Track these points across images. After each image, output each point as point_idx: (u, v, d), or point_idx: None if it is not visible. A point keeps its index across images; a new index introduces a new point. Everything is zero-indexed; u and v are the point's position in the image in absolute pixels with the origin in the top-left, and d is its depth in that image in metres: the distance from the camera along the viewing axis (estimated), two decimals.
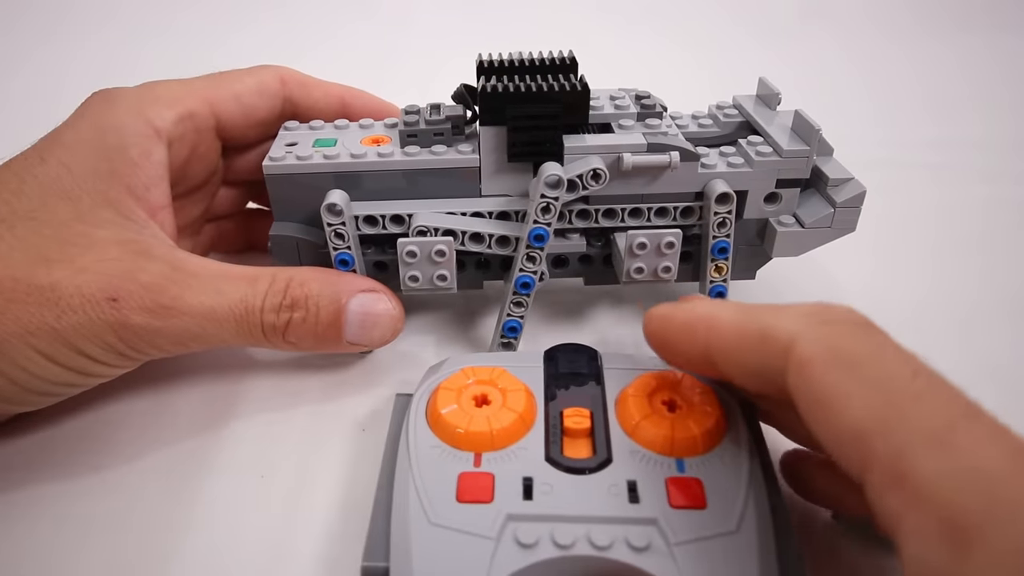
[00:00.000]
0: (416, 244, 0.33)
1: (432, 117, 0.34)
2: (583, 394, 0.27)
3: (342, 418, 0.33)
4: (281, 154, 0.34)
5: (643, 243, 0.33)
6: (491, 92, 0.31)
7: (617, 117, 0.35)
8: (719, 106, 0.39)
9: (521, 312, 0.35)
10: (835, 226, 0.35)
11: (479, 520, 0.23)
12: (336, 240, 0.33)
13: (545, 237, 0.33)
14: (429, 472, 0.24)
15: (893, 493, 0.17)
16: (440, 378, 0.28)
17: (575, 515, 0.23)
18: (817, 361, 0.20)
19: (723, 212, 0.33)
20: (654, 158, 0.32)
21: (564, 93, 0.31)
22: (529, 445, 0.25)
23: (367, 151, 0.33)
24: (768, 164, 0.33)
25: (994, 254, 0.45)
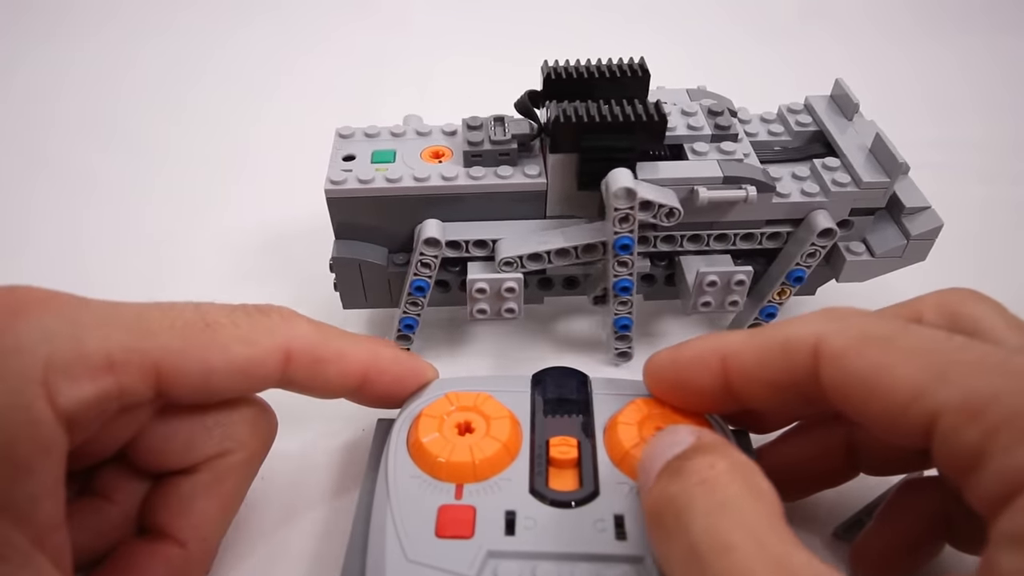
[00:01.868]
0: (486, 282, 0.32)
1: (497, 136, 0.33)
2: (571, 422, 0.26)
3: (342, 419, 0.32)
4: (341, 176, 0.33)
5: (714, 281, 0.33)
6: (564, 122, 0.30)
7: (691, 139, 0.34)
8: (791, 109, 0.37)
9: (628, 310, 0.35)
10: (906, 257, 0.34)
11: (458, 557, 0.22)
12: (422, 269, 0.33)
13: (630, 245, 0.32)
14: (408, 504, 0.24)
15: (972, 427, 0.18)
16: (422, 404, 0.27)
17: (559, 552, 0.22)
18: (850, 349, 0.20)
19: (819, 245, 0.33)
20: (730, 193, 0.31)
21: (640, 123, 0.30)
22: (513, 476, 0.24)
23: (430, 172, 0.32)
24: (845, 195, 0.32)
25: (993, 254, 0.45)
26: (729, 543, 0.17)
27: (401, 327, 0.35)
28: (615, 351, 0.37)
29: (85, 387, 0.21)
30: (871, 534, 0.26)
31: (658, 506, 0.20)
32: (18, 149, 0.58)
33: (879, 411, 0.20)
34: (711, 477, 0.19)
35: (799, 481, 0.28)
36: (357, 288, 0.35)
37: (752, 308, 0.36)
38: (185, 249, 0.47)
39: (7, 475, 0.19)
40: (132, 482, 0.25)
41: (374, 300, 0.36)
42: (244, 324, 0.24)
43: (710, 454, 0.20)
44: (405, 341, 0.36)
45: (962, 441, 0.18)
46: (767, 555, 0.17)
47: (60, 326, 0.21)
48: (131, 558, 0.24)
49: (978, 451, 0.18)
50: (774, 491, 0.19)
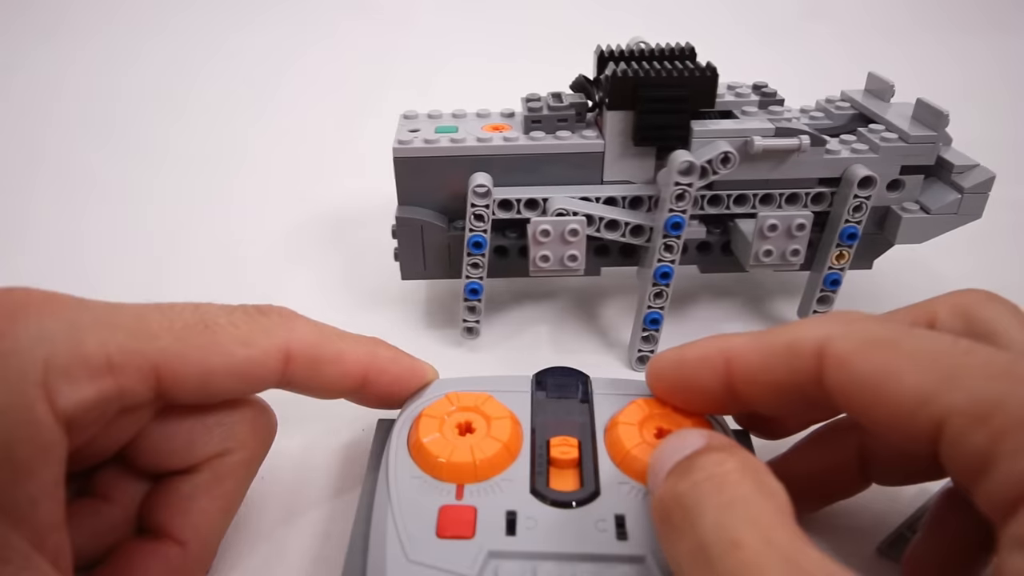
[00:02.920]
0: (550, 223, 0.33)
1: (556, 104, 0.35)
2: (571, 422, 0.26)
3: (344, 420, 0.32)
4: (407, 137, 0.34)
5: (774, 224, 0.33)
6: (621, 76, 0.32)
7: (739, 104, 0.36)
8: (828, 99, 0.39)
9: (661, 304, 0.35)
10: (961, 212, 0.35)
11: (459, 557, 0.22)
12: (476, 222, 0.34)
13: (682, 225, 0.33)
14: (408, 505, 0.24)
15: (979, 432, 0.18)
16: (423, 404, 0.27)
17: (560, 552, 0.22)
18: (856, 353, 0.20)
19: (863, 196, 0.33)
20: (783, 141, 0.32)
21: (694, 78, 0.32)
22: (514, 476, 0.24)
23: (492, 136, 0.34)
24: (894, 150, 0.34)
25: (993, 254, 0.45)
26: (738, 540, 0.17)
27: (466, 293, 0.36)
28: (637, 354, 0.36)
29: (85, 389, 0.20)
30: (920, 547, 0.26)
31: (666, 504, 0.20)
32: (18, 149, 0.58)
33: (886, 415, 0.20)
34: (719, 474, 0.19)
35: (811, 493, 0.27)
36: (417, 254, 0.36)
37: (816, 278, 0.36)
38: (185, 249, 0.47)
39: (7, 477, 0.19)
40: (131, 482, 0.25)
41: (433, 269, 0.37)
42: (243, 325, 0.24)
43: (719, 452, 0.20)
44: (473, 314, 0.37)
45: (969, 446, 0.18)
46: (777, 552, 0.17)
47: (59, 328, 0.21)
48: (131, 558, 0.24)
49: (986, 456, 0.18)
50: (783, 490, 0.19)
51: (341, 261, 0.45)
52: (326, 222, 0.49)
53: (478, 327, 0.37)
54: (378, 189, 0.45)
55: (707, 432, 0.22)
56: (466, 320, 0.37)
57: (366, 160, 0.55)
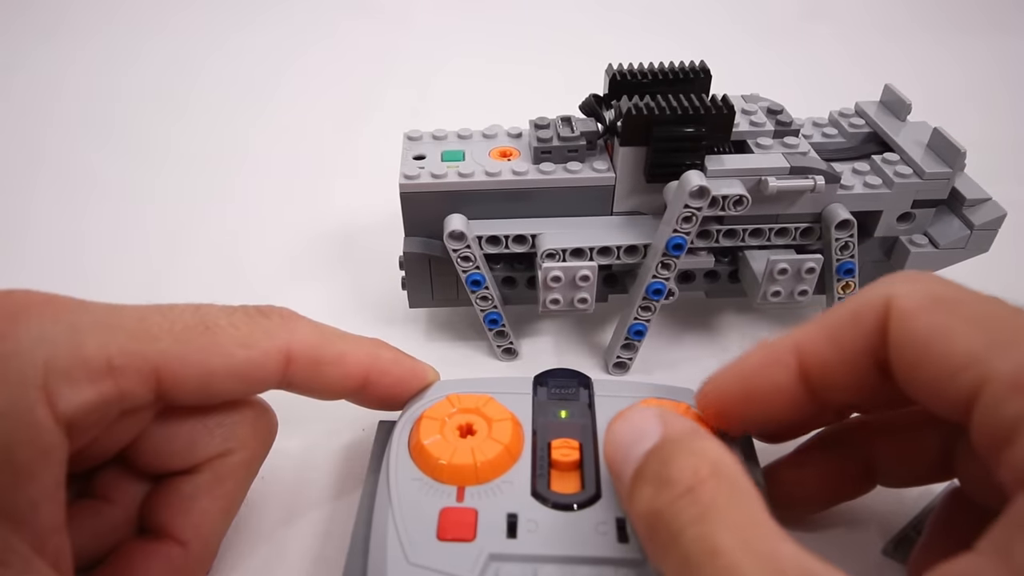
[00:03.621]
0: (561, 270, 0.33)
1: (565, 133, 0.34)
2: (573, 424, 0.26)
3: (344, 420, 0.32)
4: (414, 171, 0.33)
5: (784, 269, 0.33)
6: (635, 114, 0.31)
7: (754, 135, 0.35)
8: (842, 113, 0.38)
9: (648, 316, 0.35)
10: (969, 248, 0.34)
11: (460, 560, 0.22)
12: (464, 263, 0.33)
13: (683, 246, 0.32)
14: (409, 507, 0.24)
15: (1015, 400, 0.18)
16: (423, 406, 0.27)
17: (560, 555, 0.22)
18: (919, 308, 0.20)
19: (844, 237, 0.33)
20: (798, 182, 0.32)
21: (710, 115, 0.31)
22: (515, 479, 0.24)
23: (501, 168, 0.33)
24: (908, 186, 0.33)
25: (993, 255, 0.44)
26: (716, 547, 0.18)
27: (487, 324, 0.36)
28: (615, 359, 0.36)
29: (85, 391, 0.20)
30: (927, 548, 0.25)
31: (649, 522, 0.20)
32: (18, 149, 0.58)
33: (929, 374, 0.20)
34: (695, 486, 0.19)
35: (818, 494, 0.27)
36: (425, 285, 0.36)
37: (829, 305, 0.36)
38: (185, 249, 0.47)
39: (7, 480, 0.19)
40: (132, 483, 0.25)
41: (440, 298, 0.37)
42: (244, 326, 0.24)
43: (689, 455, 0.20)
44: (502, 338, 0.37)
45: (1003, 413, 0.18)
46: (754, 553, 0.17)
47: (59, 330, 0.21)
48: (132, 558, 0.24)
49: (1016, 426, 0.18)
50: (755, 488, 0.19)
51: (340, 261, 0.45)
52: (326, 221, 0.49)
53: (515, 346, 0.37)
54: (377, 189, 0.45)
55: (659, 411, 0.22)
56: (499, 345, 0.37)
57: (365, 160, 0.55)
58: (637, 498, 0.20)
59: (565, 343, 0.39)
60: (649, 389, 0.28)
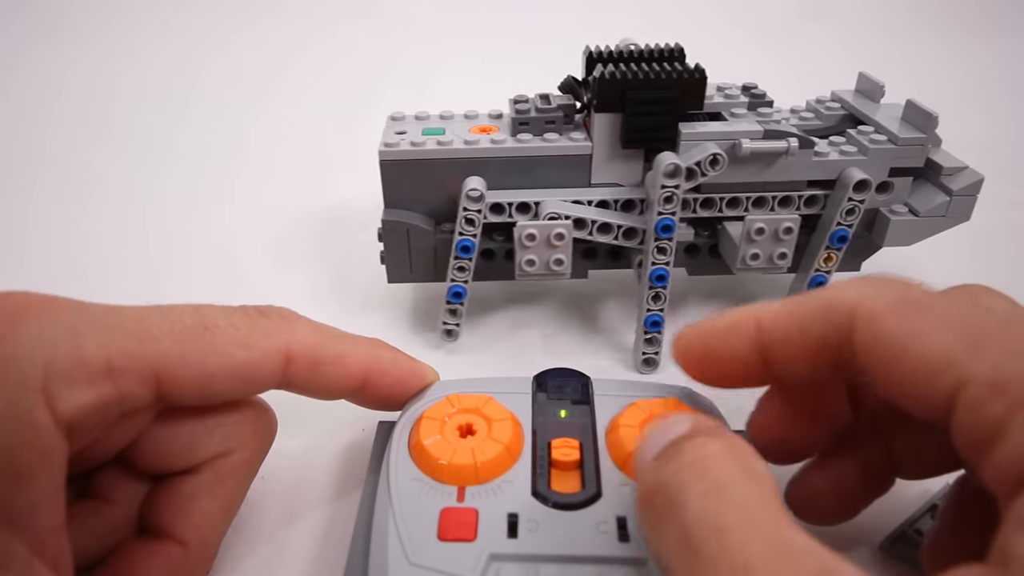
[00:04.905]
0: (536, 227, 0.33)
1: (544, 106, 0.35)
2: (573, 423, 0.26)
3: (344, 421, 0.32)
4: (394, 140, 0.34)
5: (761, 228, 0.33)
6: (609, 78, 0.32)
7: (728, 106, 0.36)
8: (819, 100, 0.39)
9: (660, 306, 0.35)
10: (950, 215, 0.35)
11: (461, 560, 0.22)
12: (466, 226, 0.34)
13: (672, 227, 0.33)
14: (409, 507, 0.23)
15: (995, 401, 0.18)
16: (423, 406, 0.27)
17: (561, 555, 0.22)
18: (888, 312, 0.20)
19: (857, 200, 0.33)
20: (771, 144, 0.32)
21: (682, 79, 0.32)
22: (515, 478, 0.24)
23: (479, 138, 0.34)
24: (883, 152, 0.34)
25: (994, 255, 0.45)
26: (723, 525, 0.17)
27: (449, 296, 0.36)
28: (642, 356, 0.36)
29: (85, 393, 0.20)
30: (939, 535, 0.25)
31: (649, 491, 0.19)
32: (18, 149, 0.58)
33: (906, 376, 0.20)
34: (701, 457, 0.19)
35: (845, 501, 0.26)
36: (403, 257, 0.36)
37: (801, 280, 0.36)
38: (185, 249, 0.47)
39: (7, 483, 0.19)
40: (132, 483, 0.25)
41: (419, 272, 0.37)
42: (243, 327, 0.24)
43: (703, 436, 0.20)
44: (453, 316, 0.36)
45: (984, 415, 0.18)
46: (763, 536, 0.16)
47: (59, 332, 0.21)
48: (132, 558, 0.24)
49: (998, 427, 0.18)
50: (770, 472, 0.19)
51: (336, 261, 0.45)
52: (326, 221, 0.49)
53: (458, 330, 0.37)
54: (376, 189, 0.45)
55: (693, 416, 0.22)
56: (446, 323, 0.37)
57: (365, 160, 0.55)
58: (643, 472, 0.20)
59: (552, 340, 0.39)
60: (649, 388, 0.28)
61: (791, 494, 0.27)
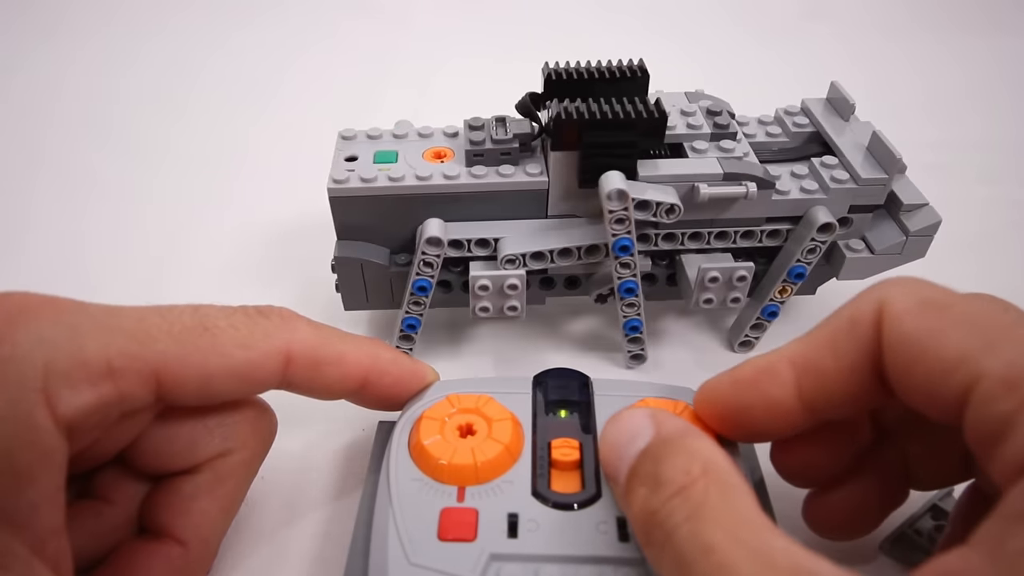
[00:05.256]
0: (488, 279, 0.32)
1: (499, 135, 0.33)
2: (572, 423, 0.26)
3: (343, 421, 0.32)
4: (343, 175, 0.33)
5: (716, 277, 0.33)
6: (566, 119, 0.30)
7: (691, 138, 0.34)
8: (787, 111, 0.38)
9: (635, 311, 0.35)
10: (905, 254, 0.34)
11: (461, 560, 0.22)
12: (424, 268, 0.33)
13: (630, 246, 0.32)
14: (410, 507, 0.24)
15: (1006, 398, 0.18)
16: (423, 406, 0.27)
17: (561, 555, 0.22)
18: (910, 311, 0.21)
19: (819, 240, 0.33)
20: (730, 189, 0.32)
21: (642, 119, 0.30)
22: (515, 478, 0.24)
23: (432, 171, 0.33)
24: (844, 192, 0.33)
25: (995, 255, 0.45)
26: (709, 544, 0.18)
27: (403, 327, 0.35)
28: (628, 354, 0.37)
29: (85, 394, 0.20)
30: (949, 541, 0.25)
31: (645, 522, 0.20)
32: (18, 149, 0.57)
33: (922, 374, 0.20)
34: (687, 484, 0.19)
35: (863, 515, 0.26)
36: (359, 289, 0.35)
37: (754, 307, 0.36)
38: (185, 249, 0.47)
39: (7, 483, 0.19)
40: (132, 483, 0.25)
41: (376, 301, 0.36)
42: (243, 327, 0.24)
43: (680, 455, 0.20)
44: (407, 342, 0.36)
45: (994, 411, 0.18)
46: (746, 548, 0.17)
47: (59, 333, 0.21)
48: (132, 558, 0.24)
49: (1008, 422, 0.18)
50: (747, 483, 0.19)
51: None
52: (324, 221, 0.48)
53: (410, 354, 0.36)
54: None
55: (650, 412, 0.22)
56: (399, 347, 0.36)
57: None
58: (632, 499, 0.21)
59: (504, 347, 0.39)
60: (649, 388, 0.28)
61: (809, 511, 0.27)
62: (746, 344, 0.38)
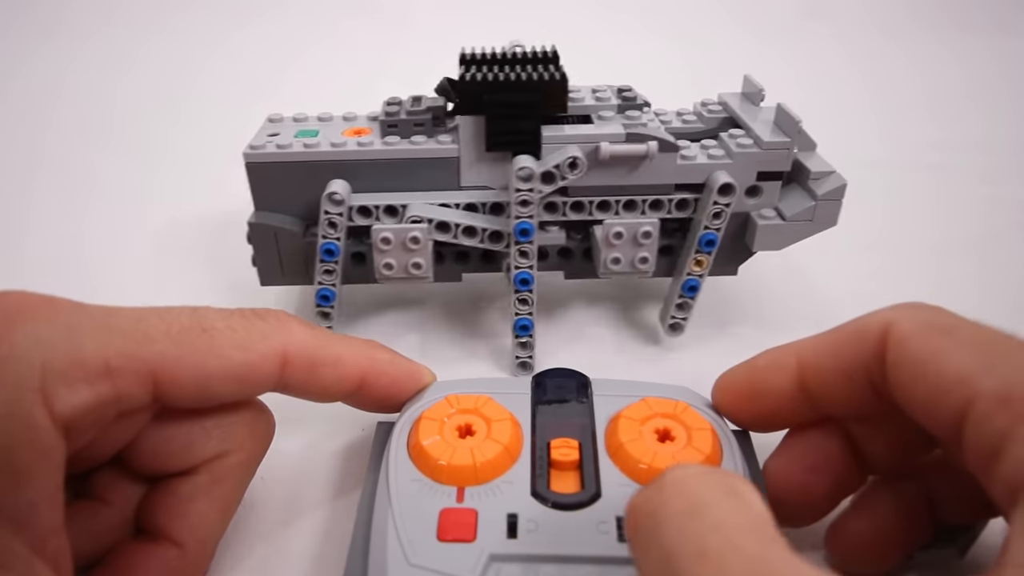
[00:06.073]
0: (391, 231, 0.33)
1: (413, 108, 0.34)
2: (572, 423, 0.26)
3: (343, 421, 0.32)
4: (262, 142, 0.34)
5: (619, 232, 0.33)
6: (470, 81, 0.31)
7: (597, 109, 0.35)
8: (704, 103, 0.38)
9: (528, 309, 0.34)
10: (816, 220, 0.34)
11: (460, 560, 0.22)
12: (328, 229, 0.33)
13: (530, 231, 0.32)
14: (409, 508, 0.23)
15: (1001, 414, 0.18)
16: (422, 407, 0.27)
17: (561, 555, 0.22)
18: (916, 333, 0.21)
19: (722, 203, 0.33)
20: (631, 147, 0.32)
21: (542, 82, 0.31)
22: (514, 479, 0.24)
23: (347, 141, 0.34)
24: (748, 156, 0.33)
25: (996, 255, 0.45)
26: (703, 548, 0.16)
27: (318, 300, 0.35)
28: (516, 360, 0.35)
29: (83, 393, 0.20)
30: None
31: (634, 515, 0.19)
32: (18, 150, 0.58)
33: (924, 394, 0.20)
34: (682, 478, 0.18)
35: (887, 546, 0.26)
36: (274, 261, 0.36)
37: (675, 285, 0.36)
38: (186, 249, 0.47)
39: (7, 483, 0.19)
40: (129, 484, 0.25)
41: (291, 275, 0.36)
42: (241, 329, 0.24)
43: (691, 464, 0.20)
44: (325, 319, 0.36)
45: (990, 428, 0.18)
46: (743, 558, 0.16)
47: (56, 332, 0.21)
48: (128, 559, 0.24)
49: (1004, 438, 0.18)
50: (754, 491, 0.18)
51: None
52: None
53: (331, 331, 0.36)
54: None
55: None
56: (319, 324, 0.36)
57: None
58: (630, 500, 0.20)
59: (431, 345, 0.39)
60: (648, 389, 0.28)
61: (831, 540, 0.26)
62: (676, 327, 0.37)
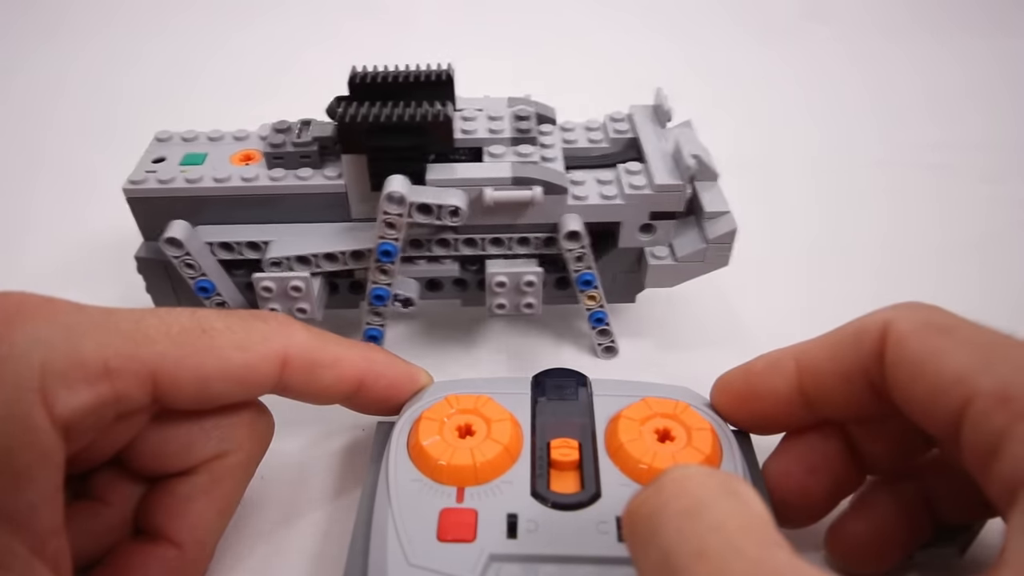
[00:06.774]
0: (272, 280, 0.32)
1: (300, 139, 0.33)
2: (571, 423, 0.26)
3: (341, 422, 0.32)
4: (141, 176, 0.33)
5: (503, 282, 0.33)
6: (349, 121, 0.30)
7: (489, 143, 0.34)
8: (613, 117, 0.37)
9: (379, 321, 0.35)
10: (707, 261, 0.34)
11: (460, 561, 0.22)
12: (188, 270, 0.33)
13: (393, 252, 0.32)
14: (409, 508, 0.24)
15: (999, 412, 0.18)
16: (422, 407, 0.27)
17: (561, 555, 0.22)
18: (914, 333, 0.21)
19: (576, 248, 0.32)
20: (516, 194, 0.31)
21: (425, 123, 0.30)
22: (514, 479, 0.24)
23: (232, 173, 0.33)
24: (641, 198, 0.32)
25: (997, 255, 0.45)
26: (703, 548, 0.16)
27: None
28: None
29: (82, 394, 0.20)
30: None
31: (632, 516, 0.19)
32: (19, 150, 0.58)
33: (922, 393, 0.21)
34: (681, 479, 0.18)
35: (887, 546, 0.26)
36: (167, 291, 0.35)
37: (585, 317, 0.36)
38: None
39: (6, 484, 0.19)
40: (128, 485, 0.25)
41: (188, 303, 0.35)
42: (240, 330, 0.24)
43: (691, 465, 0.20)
44: None
45: (987, 426, 0.18)
46: (744, 559, 0.16)
47: (56, 333, 0.21)
48: (128, 560, 0.24)
49: (1001, 436, 0.18)
50: (754, 492, 0.18)
51: None
52: None
53: None
54: None
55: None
56: None
57: None
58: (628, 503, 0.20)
59: None
60: (648, 389, 0.28)
61: (831, 541, 0.26)
62: (609, 350, 0.37)
